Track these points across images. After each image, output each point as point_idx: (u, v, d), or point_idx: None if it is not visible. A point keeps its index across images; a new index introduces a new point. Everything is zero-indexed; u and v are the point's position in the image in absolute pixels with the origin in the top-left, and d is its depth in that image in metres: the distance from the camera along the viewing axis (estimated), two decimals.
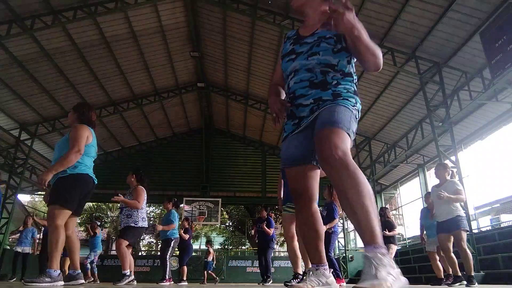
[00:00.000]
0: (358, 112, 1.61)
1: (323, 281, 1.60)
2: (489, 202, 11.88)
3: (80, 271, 3.22)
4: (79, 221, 24.04)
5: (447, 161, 7.84)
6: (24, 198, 20.96)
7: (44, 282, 2.80)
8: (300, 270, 3.92)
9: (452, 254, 4.87)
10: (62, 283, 2.92)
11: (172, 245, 6.26)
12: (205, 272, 11.51)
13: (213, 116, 15.83)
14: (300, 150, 1.64)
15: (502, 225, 10.54)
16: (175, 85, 13.16)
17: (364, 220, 1.24)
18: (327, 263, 1.65)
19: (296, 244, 3.74)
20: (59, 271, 2.92)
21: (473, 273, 4.61)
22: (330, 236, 6.16)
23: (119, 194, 4.46)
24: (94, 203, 22.54)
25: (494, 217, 13.15)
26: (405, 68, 8.59)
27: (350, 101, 1.56)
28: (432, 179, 12.36)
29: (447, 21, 7.17)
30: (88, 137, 3.20)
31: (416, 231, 13.92)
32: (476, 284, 4.62)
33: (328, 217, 6.20)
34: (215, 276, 11.87)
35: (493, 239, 7.61)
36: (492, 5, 6.48)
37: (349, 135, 1.43)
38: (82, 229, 20.85)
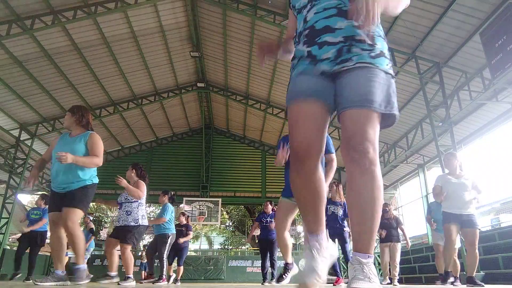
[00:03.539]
0: (391, 68, 1.32)
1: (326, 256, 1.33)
2: (489, 203, 11.87)
3: (64, 271, 3.23)
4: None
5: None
6: (24, 198, 20.94)
7: (51, 281, 2.94)
8: (290, 259, 3.59)
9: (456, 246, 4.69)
10: (69, 282, 3.02)
11: (169, 241, 5.95)
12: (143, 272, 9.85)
13: (213, 116, 15.83)
14: (316, 86, 1.30)
15: (502, 225, 10.53)
16: (175, 85, 13.16)
17: (369, 230, 1.19)
18: (322, 231, 1.36)
19: (287, 234, 3.40)
20: (64, 271, 3.06)
21: (473, 274, 4.48)
22: (347, 233, 6.03)
23: (121, 178, 4.17)
24: (94, 203, 22.53)
25: (494, 217, 13.15)
26: (405, 68, 8.59)
27: (386, 55, 1.30)
28: (432, 179, 12.37)
29: (447, 21, 7.17)
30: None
31: (416, 232, 13.97)
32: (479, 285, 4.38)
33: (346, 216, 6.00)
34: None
35: (493, 239, 7.61)
36: (492, 5, 6.48)
37: (379, 115, 1.24)
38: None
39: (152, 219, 6.37)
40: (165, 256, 5.92)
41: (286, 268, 3.59)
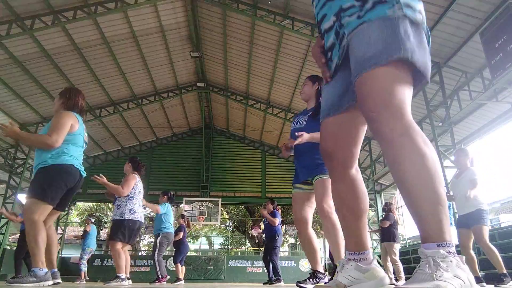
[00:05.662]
0: (410, 8, 1.05)
1: (356, 277, 1.18)
2: (489, 202, 11.88)
3: (56, 269, 2.92)
4: (79, 222, 24.03)
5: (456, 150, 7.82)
6: (24, 198, 20.92)
7: (29, 282, 2.55)
8: (321, 267, 2.85)
9: (472, 252, 4.44)
10: (51, 282, 2.70)
11: (159, 240, 5.90)
12: None
13: (213, 116, 15.83)
14: (330, 98, 1.27)
15: (502, 225, 10.53)
16: (175, 85, 13.16)
17: (426, 210, 0.94)
18: (368, 250, 1.24)
19: (311, 231, 2.85)
20: (46, 270, 2.69)
21: (505, 270, 4.19)
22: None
23: (101, 175, 4.04)
24: (94, 203, 22.50)
25: (494, 217, 13.16)
26: None
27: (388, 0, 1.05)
28: None
29: (447, 21, 7.17)
30: (74, 125, 2.89)
31: (416, 232, 13.95)
32: (511, 282, 4.14)
33: None
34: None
35: (493, 239, 7.59)
36: (492, 5, 6.48)
37: (402, 63, 1.00)
38: (82, 229, 20.80)
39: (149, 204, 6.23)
40: (155, 256, 5.90)
41: (314, 275, 2.79)
